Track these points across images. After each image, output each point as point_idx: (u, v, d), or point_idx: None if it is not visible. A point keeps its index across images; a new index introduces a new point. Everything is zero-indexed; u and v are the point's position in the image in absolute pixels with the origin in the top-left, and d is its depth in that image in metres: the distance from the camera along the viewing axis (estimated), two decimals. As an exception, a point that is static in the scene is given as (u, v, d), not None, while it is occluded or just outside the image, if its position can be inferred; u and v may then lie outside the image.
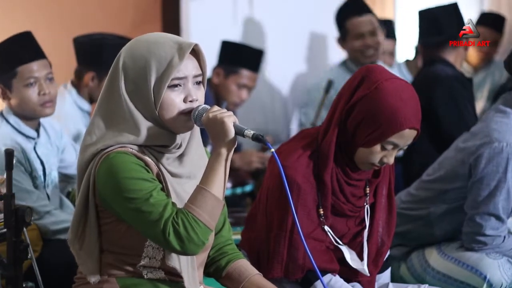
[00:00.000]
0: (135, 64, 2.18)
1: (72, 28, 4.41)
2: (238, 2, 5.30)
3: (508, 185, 3.05)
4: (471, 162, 3.10)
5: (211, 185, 2.17)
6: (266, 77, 5.34)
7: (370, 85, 2.52)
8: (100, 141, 2.19)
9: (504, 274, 3.07)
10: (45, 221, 3.14)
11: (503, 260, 3.09)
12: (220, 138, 2.18)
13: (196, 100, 2.21)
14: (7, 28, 4.05)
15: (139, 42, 2.23)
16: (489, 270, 3.07)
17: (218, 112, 2.19)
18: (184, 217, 2.12)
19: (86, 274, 2.26)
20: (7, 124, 3.19)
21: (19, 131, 3.20)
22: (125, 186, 2.13)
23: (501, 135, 3.05)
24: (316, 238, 2.62)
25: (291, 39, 5.52)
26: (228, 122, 2.17)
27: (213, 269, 2.44)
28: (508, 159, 3.03)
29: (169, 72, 2.16)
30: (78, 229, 2.24)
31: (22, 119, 3.21)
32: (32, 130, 3.23)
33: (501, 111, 3.14)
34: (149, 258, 2.23)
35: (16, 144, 3.14)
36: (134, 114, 2.18)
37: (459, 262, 3.15)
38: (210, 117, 2.18)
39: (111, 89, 2.21)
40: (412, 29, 5.62)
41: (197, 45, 2.21)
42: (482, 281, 3.08)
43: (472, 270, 3.10)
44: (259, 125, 5.25)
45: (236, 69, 4.60)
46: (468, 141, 3.17)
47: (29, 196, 3.13)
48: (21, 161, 3.14)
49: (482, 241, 3.10)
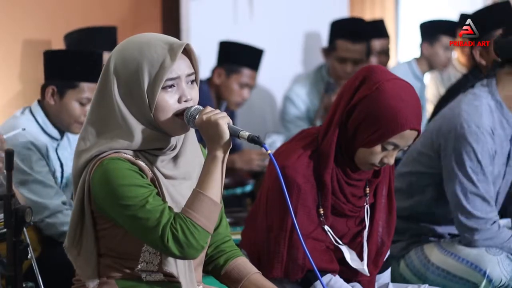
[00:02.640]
0: (127, 68, 2.16)
1: (72, 28, 4.40)
2: (238, 2, 5.30)
3: (481, 165, 3.05)
4: (440, 142, 3.13)
5: (207, 189, 2.16)
6: (266, 77, 5.34)
7: (371, 86, 2.52)
8: (94, 147, 2.17)
9: (503, 270, 3.07)
10: (56, 220, 3.14)
11: (502, 256, 3.09)
12: (214, 140, 2.16)
13: (190, 100, 2.19)
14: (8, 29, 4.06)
15: (129, 45, 2.20)
16: (488, 266, 3.07)
17: (211, 113, 2.16)
18: (182, 222, 2.12)
19: (84, 279, 2.25)
20: (35, 122, 3.24)
21: (45, 130, 3.25)
22: (120, 193, 2.12)
23: (469, 117, 3.07)
24: (316, 238, 2.62)
25: (291, 39, 5.52)
26: (222, 124, 2.15)
27: (212, 268, 2.44)
28: (476, 140, 3.04)
29: (162, 74, 2.14)
30: (75, 236, 2.23)
31: (50, 121, 3.26)
32: (57, 132, 3.28)
33: (473, 94, 3.17)
34: (146, 263, 2.23)
35: (42, 142, 3.19)
36: (127, 119, 2.16)
37: (459, 257, 3.14)
38: (204, 119, 2.15)
39: (103, 93, 2.19)
40: (414, 28, 5.65)
41: (188, 44, 2.19)
42: (481, 277, 3.07)
43: (471, 266, 3.10)
44: (258, 126, 5.25)
45: (238, 68, 4.61)
46: (437, 121, 3.21)
47: (47, 190, 3.16)
48: (45, 157, 3.19)
49: (473, 227, 3.08)
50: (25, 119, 3.24)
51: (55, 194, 3.16)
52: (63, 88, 3.21)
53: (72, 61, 3.20)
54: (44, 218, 3.15)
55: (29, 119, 3.24)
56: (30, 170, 3.13)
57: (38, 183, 3.14)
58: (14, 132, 3.04)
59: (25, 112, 3.28)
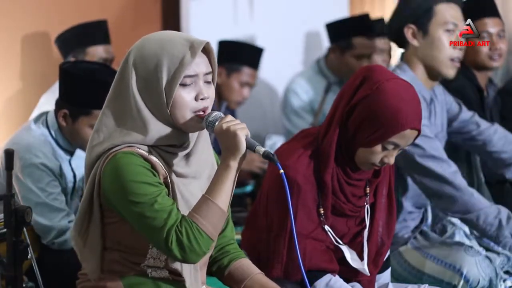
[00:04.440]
0: (146, 62, 2.17)
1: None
2: (238, 2, 5.30)
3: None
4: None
5: (217, 197, 2.16)
6: (265, 77, 5.34)
7: (372, 86, 2.52)
8: (107, 140, 2.18)
9: (481, 271, 3.07)
10: (65, 237, 3.14)
11: (481, 258, 3.09)
12: (230, 150, 2.17)
13: (207, 98, 2.20)
14: (7, 28, 4.06)
15: (150, 40, 2.21)
16: (466, 267, 3.07)
17: (231, 123, 2.17)
18: (188, 227, 2.12)
19: (87, 271, 2.26)
20: (49, 136, 3.19)
21: (59, 144, 3.20)
22: (130, 189, 2.12)
23: None
24: (316, 238, 2.62)
25: (291, 39, 5.51)
26: (240, 135, 2.16)
27: (215, 268, 2.44)
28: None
29: (181, 70, 2.15)
30: (82, 226, 2.23)
31: (64, 137, 3.20)
32: (70, 145, 3.22)
33: (399, 67, 3.29)
34: (154, 259, 2.23)
35: (54, 163, 3.16)
36: (143, 113, 2.17)
37: (437, 259, 3.15)
38: (224, 128, 2.16)
39: (121, 86, 2.20)
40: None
41: (208, 43, 2.21)
42: (459, 277, 3.08)
43: (450, 267, 3.11)
44: (257, 126, 5.25)
45: (238, 67, 4.62)
46: None
47: (55, 214, 3.14)
48: (58, 176, 3.17)
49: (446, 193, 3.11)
50: (40, 134, 3.18)
51: (62, 217, 3.15)
52: (76, 113, 3.11)
53: (86, 88, 3.08)
54: (52, 240, 3.15)
55: (43, 133, 3.19)
56: (41, 192, 3.12)
57: (47, 207, 3.13)
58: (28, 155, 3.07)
59: (39, 124, 3.22)
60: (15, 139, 3.19)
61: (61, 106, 3.15)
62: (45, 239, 3.15)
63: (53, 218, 3.13)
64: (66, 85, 3.15)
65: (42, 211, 3.11)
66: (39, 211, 3.09)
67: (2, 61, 4.06)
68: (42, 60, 4.13)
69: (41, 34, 4.20)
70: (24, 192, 3.10)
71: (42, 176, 3.12)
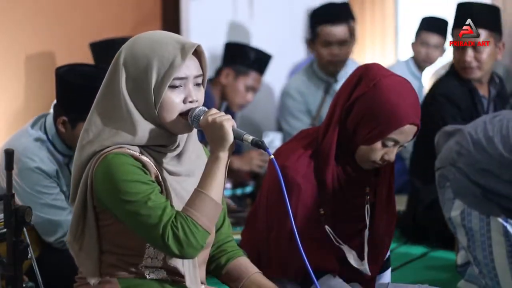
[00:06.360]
0: (136, 63, 2.17)
1: (72, 28, 4.41)
2: (238, 2, 5.30)
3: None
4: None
5: (209, 189, 2.16)
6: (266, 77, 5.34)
7: (369, 83, 2.53)
8: (97, 140, 2.18)
9: None
10: None
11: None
12: (218, 142, 2.17)
13: (196, 101, 2.20)
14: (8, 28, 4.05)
15: (141, 40, 2.21)
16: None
17: (216, 115, 2.17)
18: (183, 221, 2.12)
19: (85, 275, 2.25)
20: (47, 141, 3.17)
21: (57, 149, 3.18)
22: (122, 188, 2.12)
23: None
24: (316, 238, 2.62)
25: (291, 39, 5.52)
26: (227, 126, 2.16)
27: (213, 267, 2.44)
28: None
29: (171, 72, 2.15)
30: (77, 230, 2.23)
31: (62, 140, 3.18)
32: (68, 149, 3.20)
33: None
34: (151, 258, 2.23)
35: (51, 167, 3.15)
36: (132, 113, 2.17)
37: None
38: (209, 121, 2.16)
39: (110, 86, 2.20)
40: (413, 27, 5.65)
41: (199, 46, 2.20)
42: None
43: None
44: (258, 126, 5.25)
45: (246, 70, 4.65)
46: None
47: (59, 211, 3.15)
48: (55, 179, 3.16)
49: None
50: (36, 138, 3.16)
51: (67, 214, 3.14)
52: (74, 120, 3.08)
53: (83, 94, 2.98)
54: (59, 239, 3.15)
55: (40, 137, 3.16)
56: (40, 194, 3.11)
57: (50, 206, 3.13)
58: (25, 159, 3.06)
59: (37, 128, 3.20)
60: (11, 142, 3.18)
61: (60, 113, 3.12)
62: (52, 237, 3.14)
63: (59, 215, 3.13)
64: (62, 91, 3.12)
65: (47, 210, 3.12)
66: (41, 210, 3.10)
67: (5, 81, 4.05)
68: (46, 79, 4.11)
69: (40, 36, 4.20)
70: (24, 196, 3.09)
71: (39, 179, 3.11)
